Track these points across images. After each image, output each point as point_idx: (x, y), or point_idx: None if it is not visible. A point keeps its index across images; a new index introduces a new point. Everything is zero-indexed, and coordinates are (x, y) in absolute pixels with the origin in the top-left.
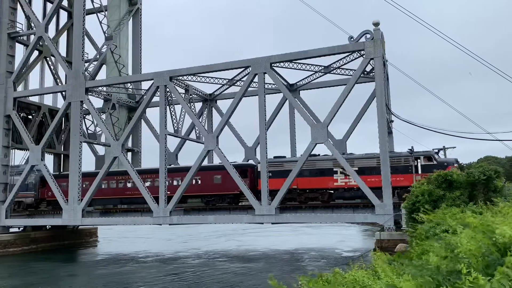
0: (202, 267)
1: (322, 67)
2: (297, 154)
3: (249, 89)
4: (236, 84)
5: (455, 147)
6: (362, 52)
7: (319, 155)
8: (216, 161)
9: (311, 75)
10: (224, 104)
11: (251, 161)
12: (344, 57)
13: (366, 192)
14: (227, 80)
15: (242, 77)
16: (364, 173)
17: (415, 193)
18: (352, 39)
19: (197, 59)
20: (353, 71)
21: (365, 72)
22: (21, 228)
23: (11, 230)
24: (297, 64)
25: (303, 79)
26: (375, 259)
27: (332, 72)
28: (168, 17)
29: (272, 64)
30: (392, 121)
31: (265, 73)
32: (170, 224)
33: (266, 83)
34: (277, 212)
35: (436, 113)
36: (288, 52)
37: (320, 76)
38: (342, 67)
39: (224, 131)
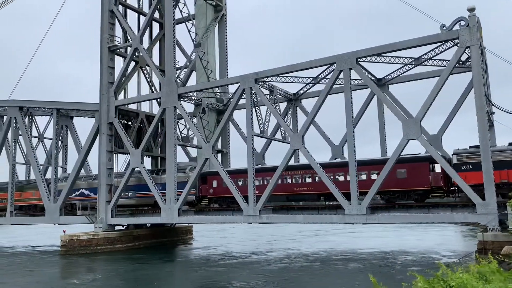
0: (294, 268)
1: (412, 59)
2: (387, 151)
3: (334, 86)
4: (320, 82)
5: None
6: (456, 40)
7: None
8: (302, 160)
9: (400, 68)
10: (308, 103)
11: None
12: (436, 47)
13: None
14: (311, 79)
15: (327, 75)
16: None
17: None
18: (444, 28)
19: (282, 57)
20: (447, 61)
21: (460, 62)
22: (124, 226)
23: (116, 228)
24: (385, 57)
25: (392, 72)
26: (480, 261)
27: (423, 64)
28: (253, 16)
29: (358, 59)
30: (493, 112)
31: (350, 69)
32: (260, 223)
33: (352, 79)
34: (368, 212)
35: None
36: (374, 46)
37: (410, 69)
38: (434, 58)
39: (310, 130)
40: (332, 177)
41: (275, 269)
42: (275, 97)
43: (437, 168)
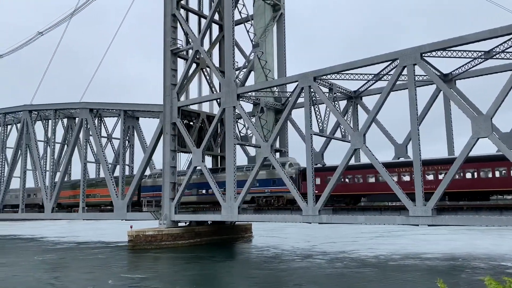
0: (351, 272)
1: (482, 53)
2: (454, 150)
3: (397, 82)
4: (382, 79)
5: None
6: None
7: None
8: (363, 160)
9: (468, 62)
10: (370, 101)
11: None
12: (509, 39)
13: None
14: (372, 76)
15: (389, 71)
16: None
17: None
18: None
19: (343, 52)
20: None
21: None
22: (187, 223)
23: (180, 224)
24: (452, 52)
25: (459, 67)
26: None
27: (494, 57)
28: (312, 12)
29: (423, 54)
30: None
31: (414, 64)
32: (319, 223)
33: (416, 75)
34: (434, 213)
35: None
36: (440, 40)
37: (480, 63)
38: (506, 50)
39: (371, 128)
40: (397, 177)
41: (335, 271)
42: (335, 95)
43: None
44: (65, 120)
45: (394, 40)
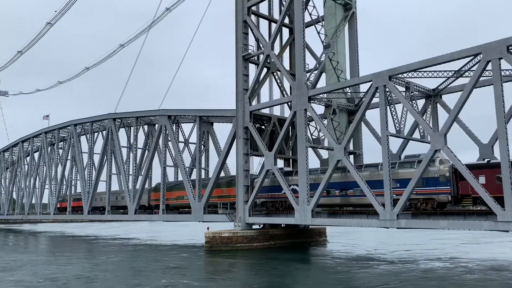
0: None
1: None
2: None
3: (481, 78)
4: (464, 75)
5: None
6: None
7: None
8: None
9: None
10: (450, 99)
11: None
12: None
13: None
14: (453, 72)
15: (472, 67)
16: None
17: None
18: None
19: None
20: None
21: None
22: (261, 226)
23: (254, 227)
24: None
25: None
26: None
27: None
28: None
29: (510, 47)
30: None
31: (500, 58)
32: (397, 228)
33: (503, 70)
34: None
35: None
36: None
37: None
38: None
39: (453, 128)
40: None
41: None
42: (412, 93)
43: None
44: (145, 127)
45: (483, 29)
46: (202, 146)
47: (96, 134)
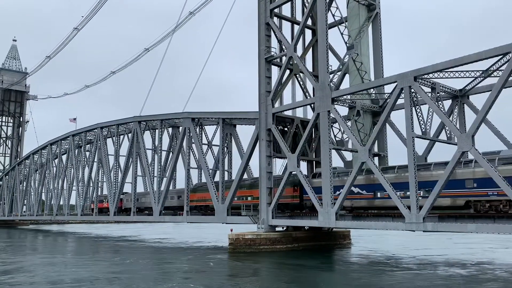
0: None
1: None
2: None
3: (510, 78)
4: (492, 75)
5: None
6: None
7: None
8: None
9: None
10: (478, 99)
11: None
12: None
13: None
14: (480, 72)
15: (500, 66)
16: None
17: None
18: None
19: (448, 45)
20: None
21: None
22: (284, 228)
23: (277, 229)
24: None
25: None
26: None
27: None
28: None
29: None
30: None
31: None
32: (424, 231)
33: None
34: None
35: None
36: None
37: None
38: None
39: (480, 128)
40: None
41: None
42: (438, 94)
43: None
44: (169, 129)
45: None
46: (225, 148)
47: (121, 136)
